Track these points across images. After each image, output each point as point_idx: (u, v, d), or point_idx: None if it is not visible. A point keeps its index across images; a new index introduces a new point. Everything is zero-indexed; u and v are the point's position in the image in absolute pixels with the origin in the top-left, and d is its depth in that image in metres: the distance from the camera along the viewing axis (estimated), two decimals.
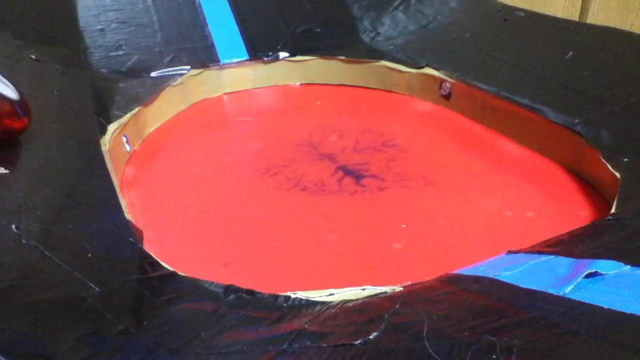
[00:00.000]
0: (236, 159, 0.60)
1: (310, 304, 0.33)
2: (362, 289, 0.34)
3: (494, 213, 0.49)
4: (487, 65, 0.67)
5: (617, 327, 0.27)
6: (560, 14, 0.91)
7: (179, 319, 0.31)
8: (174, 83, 0.71)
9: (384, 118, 0.69)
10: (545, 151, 0.56)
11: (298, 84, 0.80)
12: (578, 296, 0.29)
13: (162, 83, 0.70)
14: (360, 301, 0.33)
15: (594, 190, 0.50)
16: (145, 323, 0.30)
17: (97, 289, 0.31)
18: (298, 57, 0.79)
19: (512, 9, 0.75)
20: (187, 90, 0.73)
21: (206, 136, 0.66)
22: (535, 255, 0.36)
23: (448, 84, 0.68)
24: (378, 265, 0.43)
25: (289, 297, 0.33)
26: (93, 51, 0.71)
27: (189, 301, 0.33)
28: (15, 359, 0.25)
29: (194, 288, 0.34)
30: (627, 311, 0.28)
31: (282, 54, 0.79)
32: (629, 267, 0.32)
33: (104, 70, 0.69)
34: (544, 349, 0.26)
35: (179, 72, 0.73)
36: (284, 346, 0.27)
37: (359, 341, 0.27)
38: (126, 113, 0.60)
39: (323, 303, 0.33)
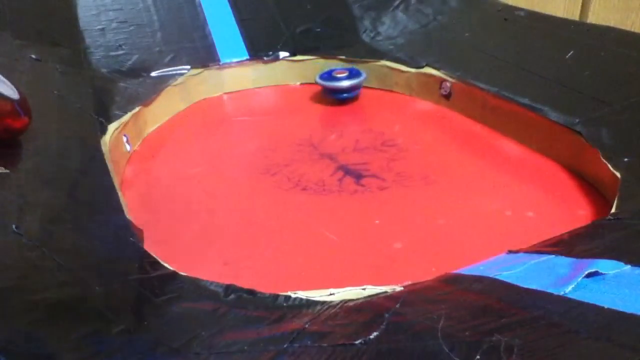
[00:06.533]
0: (236, 159, 0.60)
1: (310, 303, 0.33)
2: (363, 289, 0.34)
3: (494, 213, 0.49)
4: (487, 65, 0.67)
5: (617, 327, 0.27)
6: (560, 13, 0.91)
7: (179, 318, 0.31)
8: (174, 83, 0.71)
9: (384, 118, 0.69)
10: (546, 151, 0.56)
11: (298, 83, 0.80)
12: (578, 296, 0.29)
13: (162, 83, 0.70)
14: (360, 301, 0.33)
15: (594, 189, 0.50)
16: (145, 323, 0.30)
17: (97, 289, 0.31)
18: (298, 57, 0.79)
19: (512, 9, 0.75)
20: (187, 89, 0.73)
21: (206, 136, 0.66)
22: (536, 255, 0.36)
23: (448, 84, 0.68)
24: (378, 265, 0.43)
25: (289, 296, 0.33)
26: (93, 51, 0.71)
27: (189, 301, 0.33)
28: (16, 359, 0.25)
29: (194, 288, 0.34)
30: (628, 311, 0.28)
31: (282, 54, 0.79)
32: (629, 266, 0.32)
33: (104, 70, 0.69)
34: (544, 349, 0.26)
35: (179, 71, 0.73)
36: (284, 346, 0.27)
37: (359, 341, 0.27)
38: (126, 113, 0.61)
39: (323, 303, 0.33)
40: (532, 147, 0.58)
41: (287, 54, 0.78)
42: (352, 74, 0.72)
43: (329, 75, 0.73)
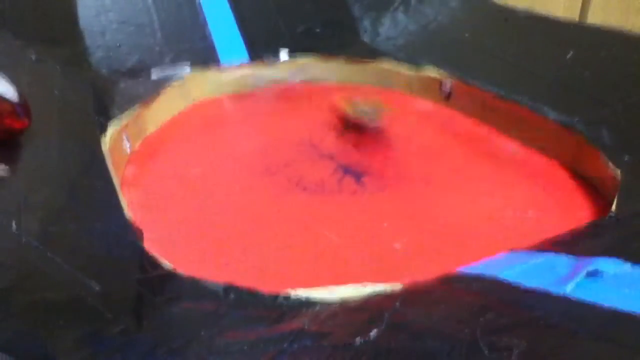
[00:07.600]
0: (236, 159, 0.60)
1: (310, 303, 0.33)
2: (363, 288, 0.34)
3: (495, 213, 0.49)
4: (487, 65, 0.67)
5: (617, 327, 0.27)
6: (560, 13, 0.91)
7: (179, 319, 0.31)
8: (174, 83, 0.71)
9: (384, 118, 0.69)
10: (546, 150, 0.56)
11: (298, 83, 0.80)
12: (579, 295, 0.29)
13: (162, 83, 0.70)
14: (360, 300, 0.33)
15: (594, 189, 0.50)
16: (145, 323, 0.30)
17: (97, 288, 0.31)
18: (298, 57, 0.79)
19: (512, 9, 0.75)
20: (187, 90, 0.73)
21: (206, 136, 0.66)
22: (536, 254, 0.36)
23: (448, 84, 0.68)
24: (378, 265, 0.43)
25: (289, 296, 0.33)
26: (93, 51, 0.71)
27: (189, 301, 0.33)
28: (15, 359, 0.25)
29: (194, 288, 0.34)
30: (628, 310, 0.28)
31: (282, 54, 0.79)
32: (629, 265, 0.32)
33: (104, 70, 0.69)
34: (544, 349, 0.26)
35: (179, 72, 0.73)
36: (284, 346, 0.27)
37: (358, 341, 0.27)
38: (126, 113, 0.60)
39: (323, 302, 0.33)
40: (532, 147, 0.58)
41: (287, 54, 0.78)
42: None
43: None
